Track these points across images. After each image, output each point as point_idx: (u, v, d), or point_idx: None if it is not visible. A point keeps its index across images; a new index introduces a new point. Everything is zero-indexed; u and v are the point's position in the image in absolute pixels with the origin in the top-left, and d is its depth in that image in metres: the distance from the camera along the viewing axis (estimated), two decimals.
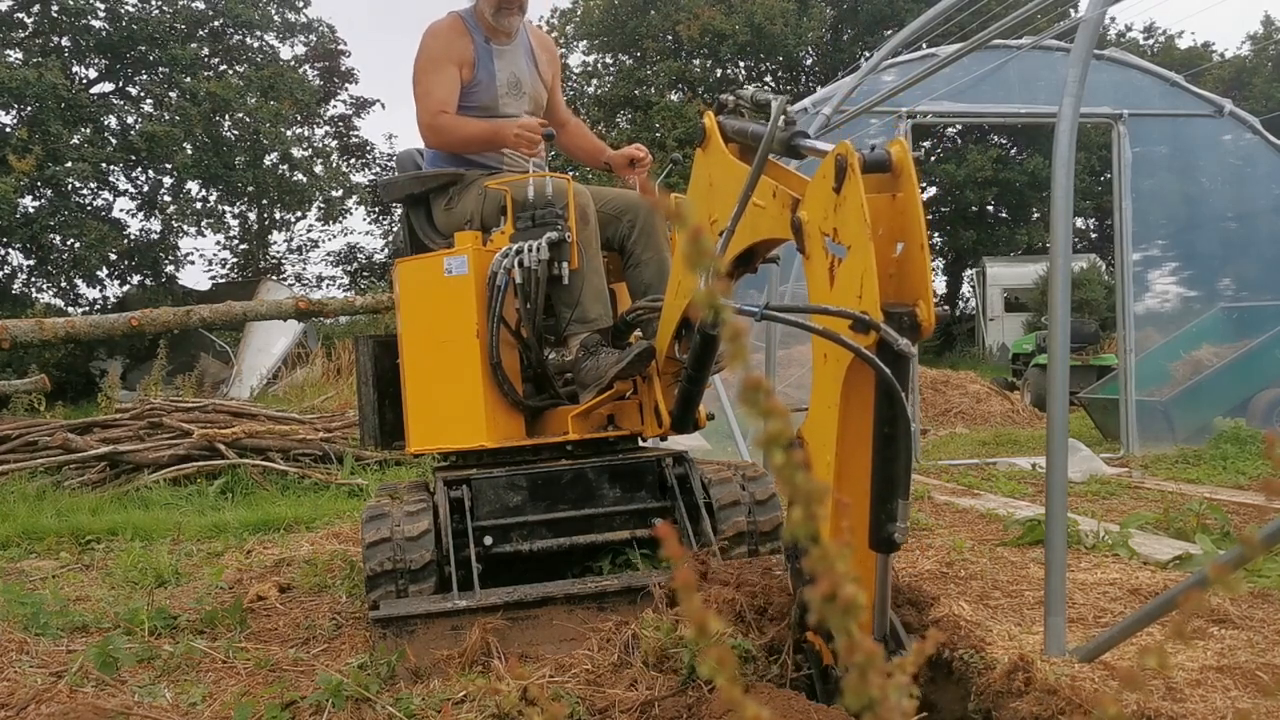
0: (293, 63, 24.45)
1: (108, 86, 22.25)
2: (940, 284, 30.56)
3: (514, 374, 3.45)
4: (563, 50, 27.94)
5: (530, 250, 3.31)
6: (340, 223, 35.51)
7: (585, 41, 28.82)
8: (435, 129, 3.70)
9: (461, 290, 3.39)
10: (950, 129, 25.96)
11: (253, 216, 25.44)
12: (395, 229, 29.86)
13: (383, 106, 29.58)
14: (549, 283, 3.37)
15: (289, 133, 22.50)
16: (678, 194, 3.98)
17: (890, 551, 2.00)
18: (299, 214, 25.19)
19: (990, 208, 27.07)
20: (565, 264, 3.34)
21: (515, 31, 3.85)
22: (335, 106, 28.14)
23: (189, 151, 20.66)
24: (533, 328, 3.39)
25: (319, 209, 25.41)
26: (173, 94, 21.16)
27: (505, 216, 3.47)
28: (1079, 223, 26.24)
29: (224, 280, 26.05)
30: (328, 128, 27.89)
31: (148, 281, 21.91)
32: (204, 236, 26.65)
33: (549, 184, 3.46)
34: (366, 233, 50.56)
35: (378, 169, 29.26)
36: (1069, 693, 2.12)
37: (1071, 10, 13.01)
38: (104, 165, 20.17)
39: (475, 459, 3.48)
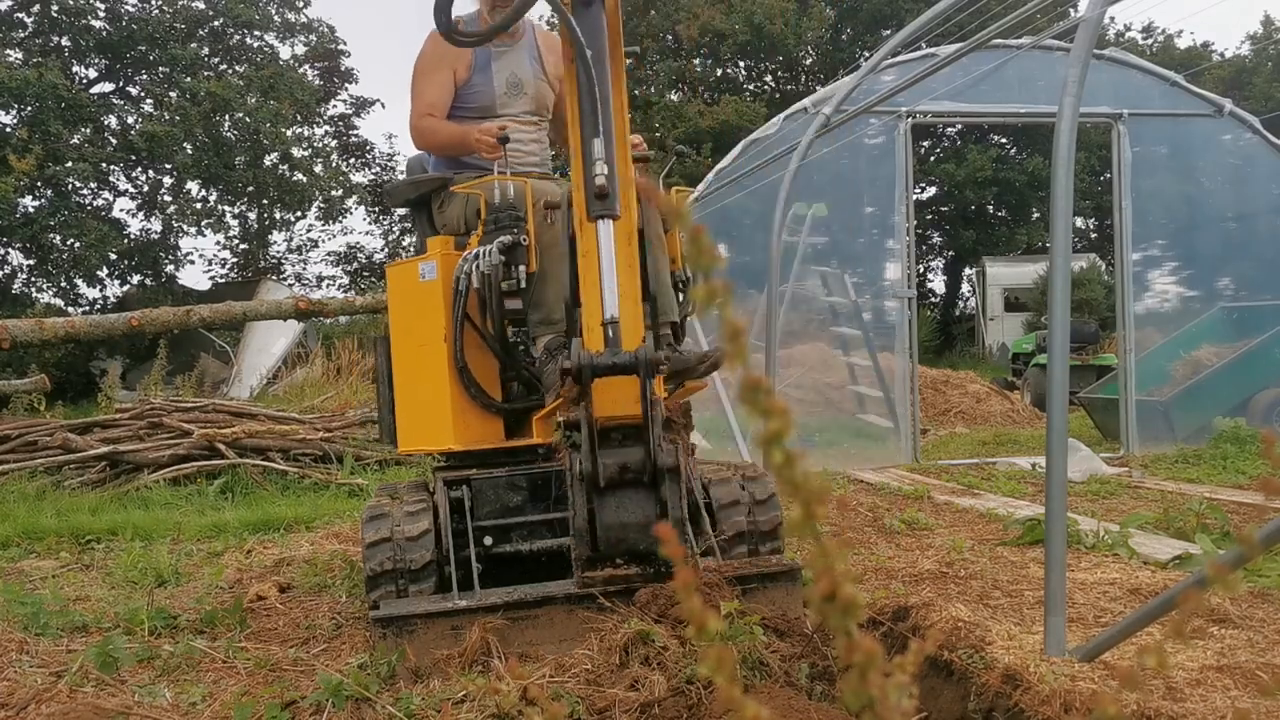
0: (293, 62, 24.44)
1: (108, 86, 22.25)
2: (940, 284, 30.60)
3: (487, 377, 3.47)
4: None
5: (484, 255, 3.34)
6: (340, 223, 35.51)
7: None
8: (419, 131, 3.77)
9: (432, 295, 3.46)
10: (950, 129, 25.94)
11: (253, 216, 25.40)
12: (395, 230, 29.89)
13: (383, 106, 29.50)
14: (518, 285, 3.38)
15: (289, 133, 22.48)
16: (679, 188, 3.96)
17: (608, 214, 1.98)
18: (299, 214, 25.16)
19: (990, 208, 27.05)
20: (522, 267, 3.34)
21: (518, 32, 3.84)
22: (335, 106, 28.13)
23: (189, 151, 20.65)
24: (496, 331, 3.42)
25: (319, 209, 25.40)
26: (173, 94, 21.14)
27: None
28: (1079, 223, 26.23)
29: (224, 280, 26.03)
30: (327, 128, 27.89)
31: (148, 281, 21.88)
32: (204, 236, 26.60)
33: (510, 186, 3.46)
34: (366, 233, 50.60)
35: (377, 169, 29.27)
36: (1064, 696, 2.12)
37: (1071, 10, 13.01)
38: (104, 165, 20.16)
39: (476, 459, 3.49)
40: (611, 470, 1.87)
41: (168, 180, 22.22)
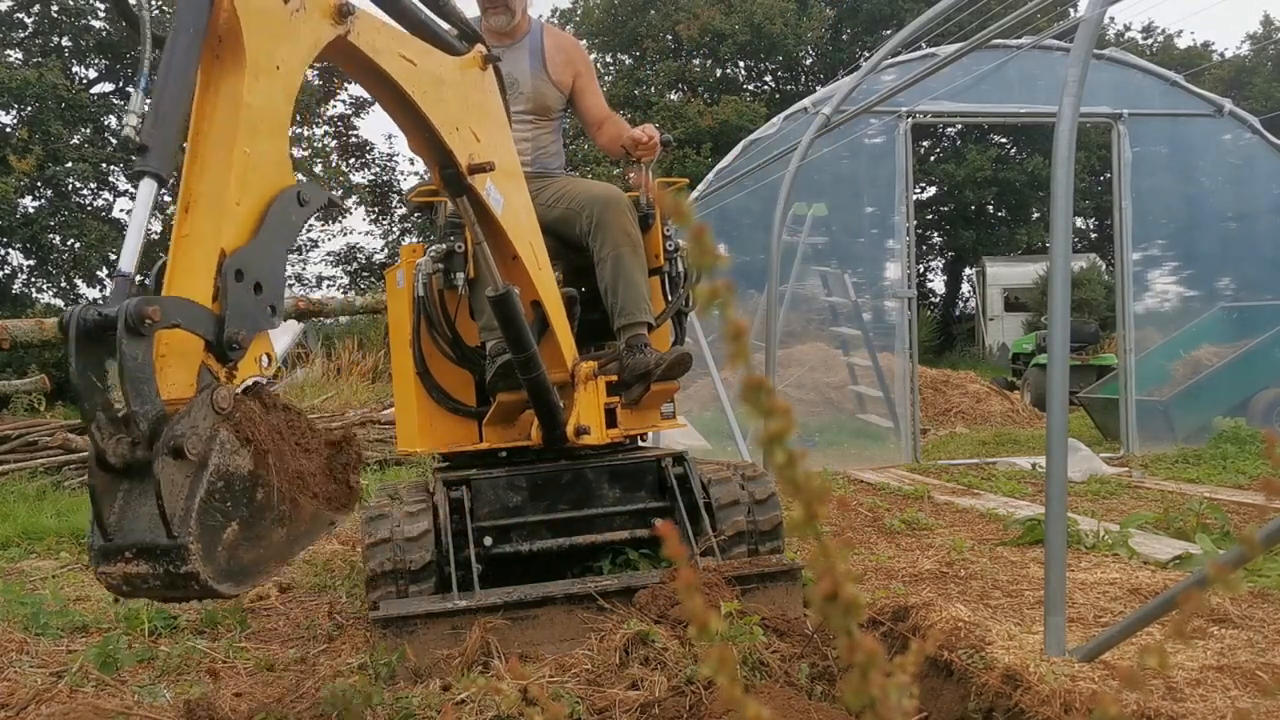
0: None
1: (108, 86, 22.26)
2: (940, 284, 30.60)
3: (454, 381, 3.50)
4: None
5: (423, 263, 3.40)
6: (340, 223, 35.49)
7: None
8: None
9: (402, 301, 3.55)
10: (950, 129, 25.95)
11: None
12: (395, 230, 29.85)
13: None
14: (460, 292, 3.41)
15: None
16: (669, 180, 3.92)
17: (145, 169, 1.81)
18: None
19: (990, 207, 27.06)
20: (461, 274, 3.34)
21: (518, 32, 3.81)
22: (335, 106, 28.11)
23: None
24: (444, 336, 3.45)
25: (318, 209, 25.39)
26: None
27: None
28: (1079, 223, 26.23)
29: None
30: (327, 128, 27.87)
31: (148, 282, 21.86)
32: None
33: None
34: (366, 233, 50.58)
35: (377, 169, 29.26)
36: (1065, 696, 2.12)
37: (1071, 10, 13.02)
38: (104, 165, 20.16)
39: (476, 459, 3.49)
40: (123, 449, 1.62)
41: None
